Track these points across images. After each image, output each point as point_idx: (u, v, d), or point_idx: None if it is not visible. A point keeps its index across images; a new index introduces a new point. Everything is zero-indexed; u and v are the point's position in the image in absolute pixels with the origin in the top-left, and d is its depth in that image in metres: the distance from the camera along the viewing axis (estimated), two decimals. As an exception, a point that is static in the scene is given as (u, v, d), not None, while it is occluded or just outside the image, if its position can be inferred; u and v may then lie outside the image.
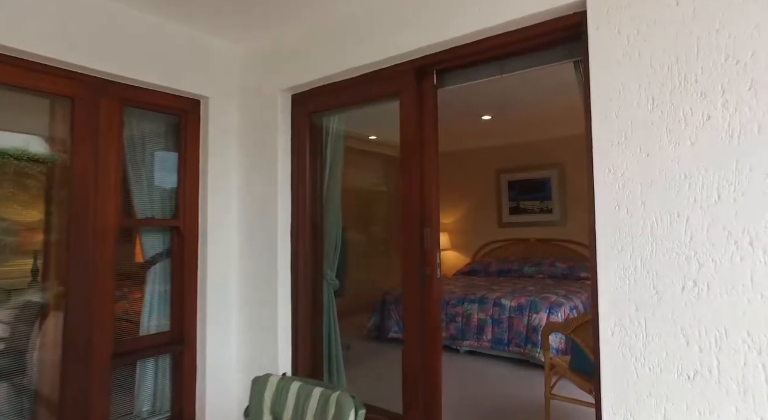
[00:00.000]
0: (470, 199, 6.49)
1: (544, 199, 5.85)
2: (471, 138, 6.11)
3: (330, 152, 2.96)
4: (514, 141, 6.09)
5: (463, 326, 4.19)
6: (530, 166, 5.96)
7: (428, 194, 2.20)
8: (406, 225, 2.25)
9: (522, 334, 3.85)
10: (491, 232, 6.28)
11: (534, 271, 5.40)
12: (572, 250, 5.54)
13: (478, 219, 6.41)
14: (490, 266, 5.74)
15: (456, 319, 4.24)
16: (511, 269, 5.56)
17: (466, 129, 5.54)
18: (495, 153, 6.30)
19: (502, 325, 3.98)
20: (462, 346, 4.20)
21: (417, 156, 2.22)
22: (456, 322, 4.23)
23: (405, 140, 2.27)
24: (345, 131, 3.00)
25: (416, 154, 2.23)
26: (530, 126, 5.39)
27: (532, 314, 3.84)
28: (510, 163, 6.16)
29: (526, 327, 3.84)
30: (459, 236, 6.58)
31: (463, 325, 4.19)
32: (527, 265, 5.48)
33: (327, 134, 2.92)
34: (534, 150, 5.97)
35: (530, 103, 4.44)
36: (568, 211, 5.67)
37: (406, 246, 2.25)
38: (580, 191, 5.57)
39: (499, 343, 3.95)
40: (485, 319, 4.08)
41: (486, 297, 4.17)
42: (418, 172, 2.22)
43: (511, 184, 6.11)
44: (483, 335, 4.06)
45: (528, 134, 5.93)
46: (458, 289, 4.58)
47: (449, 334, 4.25)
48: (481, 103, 4.43)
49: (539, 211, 5.88)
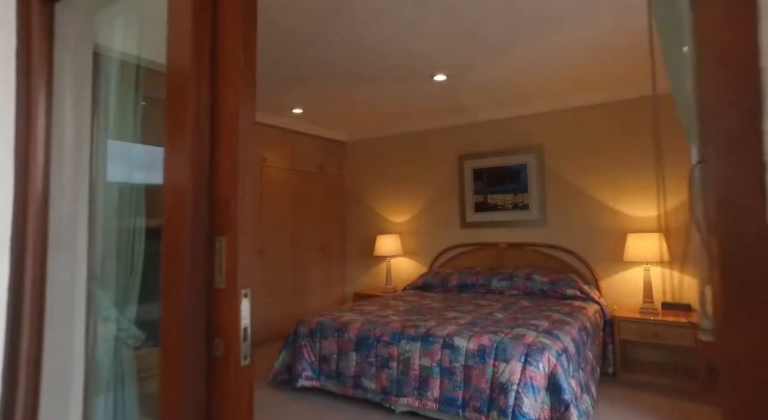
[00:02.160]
0: (426, 193, 5.15)
1: (518, 191, 4.55)
2: (424, 113, 4.77)
3: (112, 94, 1.57)
4: (480, 118, 4.77)
5: (400, 375, 2.82)
6: (501, 151, 4.65)
7: (227, 175, 0.83)
8: (171, 237, 0.88)
9: (484, 393, 2.51)
10: (452, 234, 4.95)
11: (504, 287, 4.08)
12: (555, 259, 4.25)
13: (435, 218, 5.07)
14: (450, 279, 4.40)
15: (389, 364, 2.87)
16: (476, 283, 4.23)
17: (416, 98, 4.19)
18: (456, 134, 4.97)
19: (454, 378, 2.63)
20: (397, 405, 2.84)
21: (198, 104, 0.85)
22: (389, 368, 2.87)
23: (176, 67, 0.91)
24: (146, 61, 1.59)
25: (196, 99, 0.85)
26: (500, 98, 4.09)
27: (499, 363, 2.50)
28: (475, 146, 4.84)
29: (490, 383, 2.50)
30: (412, 239, 5.22)
31: (400, 373, 2.83)
32: (496, 278, 4.16)
33: (103, 61, 1.53)
34: (505, 129, 4.66)
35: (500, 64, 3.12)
36: (548, 207, 4.38)
37: (166, 284, 0.88)
38: (564, 182, 4.28)
39: (450, 404, 2.60)
40: (430, 367, 2.72)
41: (432, 333, 2.81)
42: (200, 132, 0.85)
43: (477, 172, 4.79)
44: (427, 391, 2.70)
45: (498, 110, 4.61)
46: (396, 317, 3.21)
47: (380, 386, 2.88)
48: (432, 54, 3.08)
49: (512, 208, 4.57)
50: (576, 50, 3.12)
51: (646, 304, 3.57)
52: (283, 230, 4.87)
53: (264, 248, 4.63)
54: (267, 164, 4.72)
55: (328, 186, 5.51)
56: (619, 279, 3.99)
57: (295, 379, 3.22)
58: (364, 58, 3.21)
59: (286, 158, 4.96)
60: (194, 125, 0.90)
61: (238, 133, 0.90)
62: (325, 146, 5.49)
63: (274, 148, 4.83)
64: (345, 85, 3.80)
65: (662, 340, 3.35)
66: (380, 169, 5.51)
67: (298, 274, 5.02)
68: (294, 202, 5.03)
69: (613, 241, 4.02)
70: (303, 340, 3.30)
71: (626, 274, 3.95)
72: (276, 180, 4.82)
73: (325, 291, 5.37)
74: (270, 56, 3.15)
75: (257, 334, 4.51)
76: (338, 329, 3.17)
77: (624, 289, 3.96)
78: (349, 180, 5.77)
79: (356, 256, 5.66)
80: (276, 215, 4.79)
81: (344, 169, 5.80)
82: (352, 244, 5.70)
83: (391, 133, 5.39)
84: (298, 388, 3.28)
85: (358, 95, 4.10)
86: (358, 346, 3.03)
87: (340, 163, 5.74)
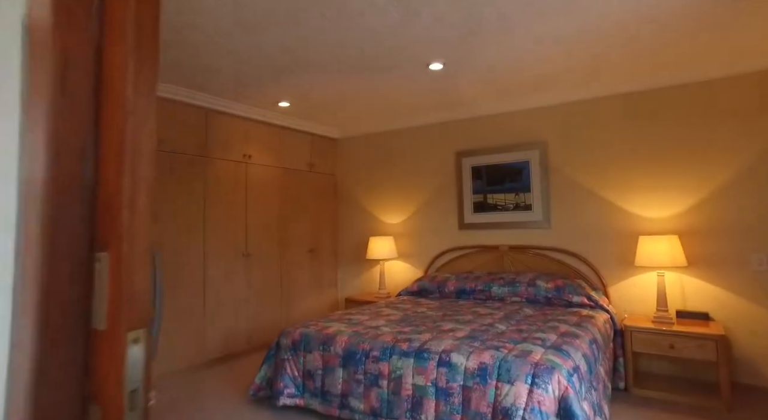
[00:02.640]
0: (422, 193, 4.86)
1: (520, 191, 4.26)
2: (420, 107, 4.48)
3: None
4: (479, 112, 4.47)
5: (391, 395, 2.53)
6: (502, 147, 4.36)
7: (111, 162, 0.52)
8: (26, 252, 0.55)
9: (485, 418, 2.21)
10: (449, 236, 4.65)
11: (506, 293, 3.79)
12: (560, 263, 3.96)
13: (432, 219, 4.78)
14: (447, 284, 4.10)
15: (379, 382, 2.58)
16: (475, 289, 3.93)
17: (411, 90, 3.90)
18: (454, 129, 4.67)
19: (451, 400, 2.33)
20: (388, 429, 2.54)
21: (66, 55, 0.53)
22: (379, 387, 2.57)
23: None
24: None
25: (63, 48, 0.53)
26: (501, 88, 3.80)
27: (503, 384, 2.20)
28: (474, 142, 4.55)
29: (492, 407, 2.20)
30: (407, 242, 4.93)
31: (391, 393, 2.53)
32: (497, 284, 3.86)
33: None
34: (506, 124, 4.37)
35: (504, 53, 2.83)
36: (553, 207, 4.09)
37: (15, 324, 0.56)
38: (570, 180, 3.99)
39: (448, 430, 2.31)
40: (425, 387, 2.42)
41: (427, 349, 2.51)
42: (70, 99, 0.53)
43: (476, 170, 4.50)
44: (421, 413, 2.40)
45: (498, 102, 4.32)
46: (388, 329, 2.92)
47: (369, 407, 2.58)
48: (427, 39, 2.79)
49: (514, 208, 4.28)
50: (584, 34, 2.82)
51: (659, 313, 3.28)
52: (270, 231, 4.57)
53: (249, 250, 4.33)
54: (252, 162, 4.42)
55: (318, 185, 5.21)
56: (629, 285, 3.70)
57: (277, 396, 2.92)
58: (353, 44, 2.91)
59: (272, 155, 4.66)
60: (59, 87, 0.60)
61: (125, 103, 0.61)
62: (315, 143, 5.19)
63: (260, 144, 4.53)
64: (333, 75, 3.50)
65: (678, 352, 3.06)
66: (374, 167, 5.21)
67: (286, 278, 4.73)
68: (282, 201, 4.73)
69: (623, 244, 3.73)
70: (286, 353, 3.00)
71: (637, 280, 3.66)
72: (262, 178, 4.52)
73: (314, 296, 5.07)
74: (250, 42, 2.85)
75: (239, 343, 4.21)
76: (324, 342, 2.88)
77: (635, 295, 3.67)
78: (341, 179, 5.47)
79: (348, 258, 5.36)
80: (262, 216, 4.50)
81: (336, 167, 5.50)
82: (344, 247, 5.40)
83: (385, 128, 5.10)
84: (280, 407, 2.98)
85: (349, 87, 3.80)
86: (345, 362, 2.73)
87: (332, 160, 5.44)
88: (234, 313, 4.18)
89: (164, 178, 3.67)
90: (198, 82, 3.61)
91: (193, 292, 3.84)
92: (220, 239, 4.07)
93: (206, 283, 3.95)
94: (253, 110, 4.39)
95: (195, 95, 3.87)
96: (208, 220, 3.98)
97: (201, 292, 3.90)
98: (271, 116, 4.60)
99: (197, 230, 3.89)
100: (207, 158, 4.01)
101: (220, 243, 4.07)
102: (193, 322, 3.83)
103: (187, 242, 3.80)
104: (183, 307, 3.75)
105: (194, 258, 3.85)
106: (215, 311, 4.01)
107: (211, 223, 4.01)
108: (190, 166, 3.87)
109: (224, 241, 4.11)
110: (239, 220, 4.27)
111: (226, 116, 4.21)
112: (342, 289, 5.39)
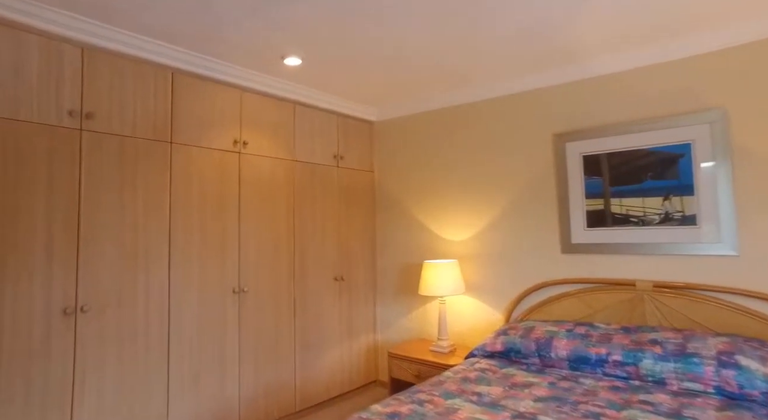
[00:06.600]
0: (501, 196, 3.27)
1: (674, 192, 2.60)
2: (498, 68, 2.89)
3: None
4: (595, 70, 2.85)
5: None
6: (637, 122, 2.72)
7: None
8: None
9: None
10: (547, 262, 3.04)
11: (670, 373, 2.14)
12: (758, 318, 2.28)
13: (517, 236, 3.18)
14: (551, 345, 2.50)
15: None
16: (608, 360, 2.31)
17: (484, 40, 2.33)
18: (552, 99, 3.07)
19: None
20: None
21: None
22: None
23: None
24: None
25: None
26: (634, 27, 2.18)
27: None
28: (586, 117, 2.93)
29: None
30: (478, 268, 3.35)
31: None
32: (650, 353, 2.22)
33: None
34: (642, 85, 2.73)
35: None
36: (741, 219, 2.41)
37: None
38: (783, 172, 2.30)
39: None
40: None
41: None
42: None
43: (590, 161, 2.88)
44: None
45: (630, 51, 2.69)
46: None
47: None
48: None
49: (662, 221, 2.63)
50: None
51: None
52: (277, 254, 3.13)
53: (243, 285, 2.89)
54: (248, 151, 2.99)
55: (348, 186, 3.72)
56: None
57: None
58: None
59: (279, 143, 3.21)
60: None
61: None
62: (343, 126, 3.72)
63: (261, 126, 3.09)
64: (363, 17, 2.00)
65: None
66: (428, 161, 3.67)
67: (301, 318, 3.26)
68: (296, 209, 3.28)
69: None
70: None
71: None
72: (264, 176, 3.09)
73: (344, 345, 3.58)
74: None
75: None
76: None
77: None
78: (380, 177, 3.96)
79: (391, 290, 3.84)
80: (264, 231, 3.05)
81: (374, 161, 4.00)
82: (385, 273, 3.89)
83: (445, 104, 3.55)
84: None
85: (387, 35, 2.28)
86: None
87: (368, 152, 3.95)
88: (219, 380, 2.75)
89: (97, 174, 2.28)
90: (156, 25, 2.20)
91: (147, 354, 2.43)
92: (194, 270, 2.65)
93: (171, 339, 2.53)
94: (247, 73, 2.96)
95: (153, 46, 2.47)
96: (175, 241, 2.56)
97: (163, 352, 2.49)
98: (277, 85, 3.16)
99: (156, 257, 2.48)
100: (174, 145, 2.60)
101: (194, 276, 2.65)
102: (147, 403, 2.41)
103: (139, 276, 2.39)
104: (130, 380, 2.35)
105: (150, 299, 2.44)
106: (187, 380, 2.59)
107: (180, 243, 2.59)
108: (146, 156, 2.47)
109: (202, 272, 2.69)
110: (228, 238, 2.84)
111: (207, 81, 2.79)
112: (382, 333, 3.87)
